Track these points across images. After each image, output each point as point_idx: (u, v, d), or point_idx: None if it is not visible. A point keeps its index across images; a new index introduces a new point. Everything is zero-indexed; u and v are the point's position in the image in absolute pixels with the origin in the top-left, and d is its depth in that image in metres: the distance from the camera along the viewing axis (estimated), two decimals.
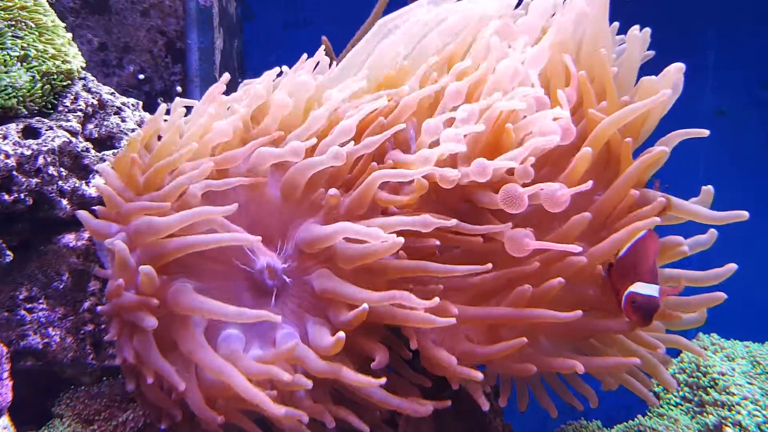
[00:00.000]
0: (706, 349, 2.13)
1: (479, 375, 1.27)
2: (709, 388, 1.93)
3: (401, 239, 1.25)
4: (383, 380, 1.22)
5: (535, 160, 1.32)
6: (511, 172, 1.33)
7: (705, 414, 1.89)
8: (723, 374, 1.94)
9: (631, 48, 1.51)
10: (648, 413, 2.05)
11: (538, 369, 1.31)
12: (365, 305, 1.24)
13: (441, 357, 1.29)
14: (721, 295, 1.45)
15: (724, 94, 2.86)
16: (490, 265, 1.28)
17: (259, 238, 1.24)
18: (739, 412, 1.82)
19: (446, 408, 1.30)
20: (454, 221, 1.27)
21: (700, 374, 1.97)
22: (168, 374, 1.23)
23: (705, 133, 1.46)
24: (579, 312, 1.27)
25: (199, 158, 1.33)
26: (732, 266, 1.45)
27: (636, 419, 2.02)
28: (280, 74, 1.51)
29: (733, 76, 2.85)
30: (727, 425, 1.81)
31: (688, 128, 1.48)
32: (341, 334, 1.22)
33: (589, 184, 1.28)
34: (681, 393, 2.01)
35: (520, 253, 1.28)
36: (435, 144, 1.36)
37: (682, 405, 1.99)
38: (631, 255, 1.33)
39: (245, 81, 1.53)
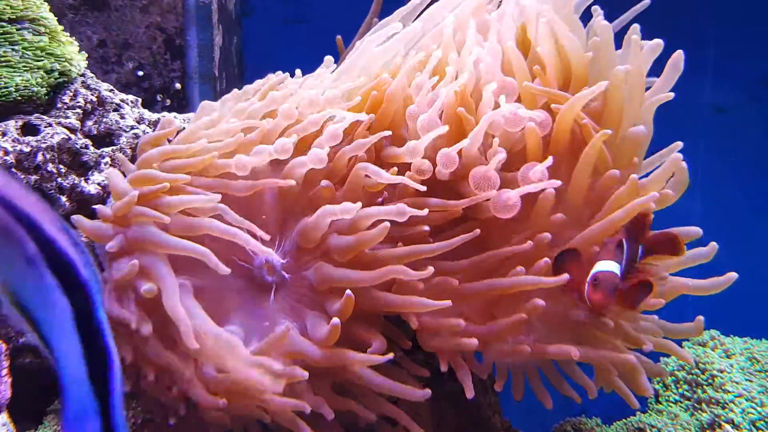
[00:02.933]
0: (705, 345, 2.13)
1: (474, 342, 1.28)
2: (705, 386, 1.93)
3: (387, 224, 1.27)
4: (390, 355, 1.24)
5: (499, 142, 1.34)
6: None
7: (701, 411, 1.89)
8: (721, 371, 1.94)
9: (603, 36, 1.50)
10: (648, 410, 2.06)
11: (533, 353, 1.32)
12: (349, 292, 1.24)
13: (446, 324, 1.29)
14: (700, 320, 1.46)
15: (724, 91, 2.86)
16: (477, 231, 1.30)
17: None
18: (732, 410, 1.82)
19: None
20: (426, 211, 1.28)
21: (698, 371, 1.98)
22: (172, 363, 1.24)
23: (670, 96, 1.45)
24: (566, 276, 1.28)
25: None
26: (732, 275, 1.45)
27: (636, 416, 2.02)
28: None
29: (732, 73, 2.84)
30: (720, 423, 1.81)
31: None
32: (336, 320, 1.23)
33: (549, 160, 1.30)
34: (680, 390, 2.01)
35: (508, 212, 1.29)
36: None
37: (681, 402, 1.99)
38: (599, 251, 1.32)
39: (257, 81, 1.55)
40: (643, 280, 1.29)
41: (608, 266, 1.25)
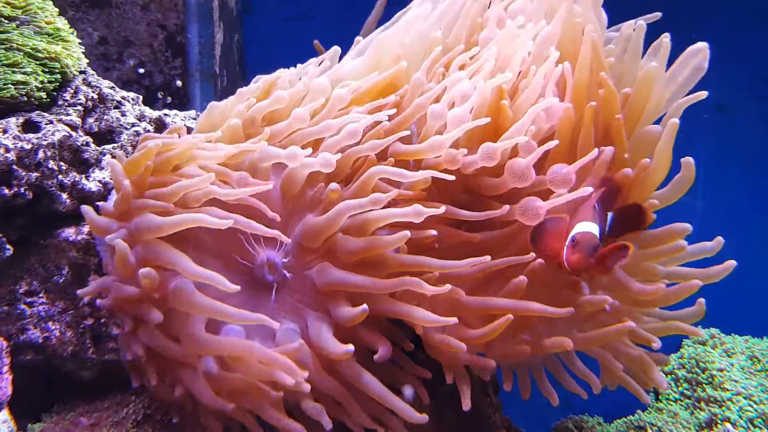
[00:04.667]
0: (705, 344, 2.13)
1: (491, 363, 1.28)
2: (705, 384, 1.93)
3: (407, 232, 1.25)
4: None
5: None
6: (513, 153, 1.34)
7: (700, 410, 1.89)
8: (720, 370, 1.94)
9: (635, 36, 1.51)
10: (648, 408, 2.06)
11: (532, 351, 1.32)
12: (365, 306, 1.24)
13: (450, 343, 1.29)
14: (701, 302, 1.47)
15: (725, 90, 2.85)
16: (488, 258, 1.29)
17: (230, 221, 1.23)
18: (729, 408, 1.83)
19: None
20: (443, 208, 1.27)
21: (699, 370, 1.98)
22: (183, 356, 1.25)
23: (703, 95, 1.47)
24: (570, 309, 1.28)
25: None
26: (731, 263, 1.45)
27: (636, 414, 2.02)
28: None
29: (733, 71, 2.84)
30: (717, 422, 1.81)
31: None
32: (351, 347, 1.23)
33: (595, 152, 1.31)
34: (680, 388, 2.01)
35: (535, 219, 1.28)
36: (442, 130, 1.37)
37: (681, 400, 1.99)
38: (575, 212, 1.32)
39: (258, 76, 1.55)
40: (619, 244, 1.27)
41: (588, 227, 1.24)
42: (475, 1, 1.55)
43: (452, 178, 1.29)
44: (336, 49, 1.62)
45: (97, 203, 1.37)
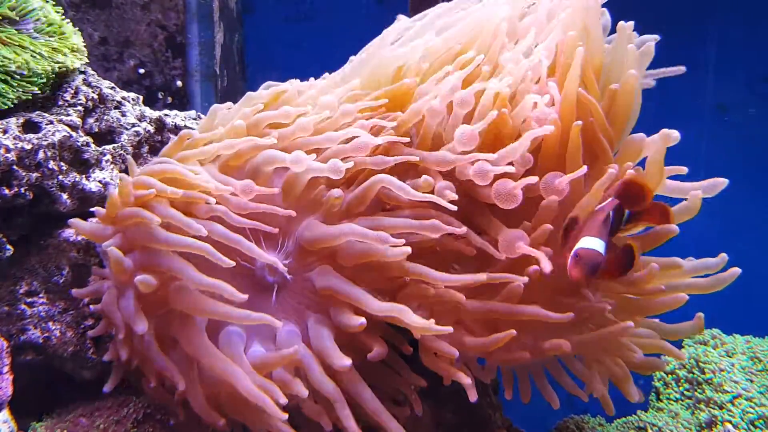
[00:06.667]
0: (706, 344, 2.13)
1: (468, 380, 1.28)
2: (705, 385, 1.93)
3: (408, 249, 1.25)
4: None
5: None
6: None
7: (701, 411, 1.89)
8: (721, 371, 1.93)
9: (620, 39, 1.51)
10: (649, 408, 2.06)
11: (532, 355, 1.32)
12: (363, 320, 1.25)
13: (442, 349, 1.29)
14: (700, 317, 1.47)
15: (726, 89, 2.85)
16: (485, 276, 1.29)
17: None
18: (729, 410, 1.82)
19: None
20: (464, 229, 1.27)
21: (699, 371, 1.97)
22: (170, 372, 1.24)
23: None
24: (570, 314, 1.28)
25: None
26: (735, 270, 1.45)
27: (635, 414, 2.02)
28: None
29: (734, 70, 2.84)
30: (717, 422, 1.81)
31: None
32: (349, 361, 1.23)
33: (584, 168, 1.30)
34: (681, 388, 2.01)
35: (511, 254, 1.30)
36: (438, 135, 1.36)
37: (682, 400, 1.99)
38: (585, 221, 1.31)
39: (268, 82, 1.55)
40: (624, 247, 1.28)
41: (591, 243, 1.24)
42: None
43: (454, 208, 1.29)
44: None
45: (92, 210, 1.37)
